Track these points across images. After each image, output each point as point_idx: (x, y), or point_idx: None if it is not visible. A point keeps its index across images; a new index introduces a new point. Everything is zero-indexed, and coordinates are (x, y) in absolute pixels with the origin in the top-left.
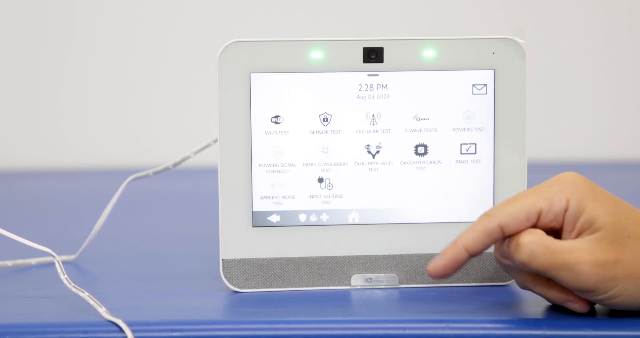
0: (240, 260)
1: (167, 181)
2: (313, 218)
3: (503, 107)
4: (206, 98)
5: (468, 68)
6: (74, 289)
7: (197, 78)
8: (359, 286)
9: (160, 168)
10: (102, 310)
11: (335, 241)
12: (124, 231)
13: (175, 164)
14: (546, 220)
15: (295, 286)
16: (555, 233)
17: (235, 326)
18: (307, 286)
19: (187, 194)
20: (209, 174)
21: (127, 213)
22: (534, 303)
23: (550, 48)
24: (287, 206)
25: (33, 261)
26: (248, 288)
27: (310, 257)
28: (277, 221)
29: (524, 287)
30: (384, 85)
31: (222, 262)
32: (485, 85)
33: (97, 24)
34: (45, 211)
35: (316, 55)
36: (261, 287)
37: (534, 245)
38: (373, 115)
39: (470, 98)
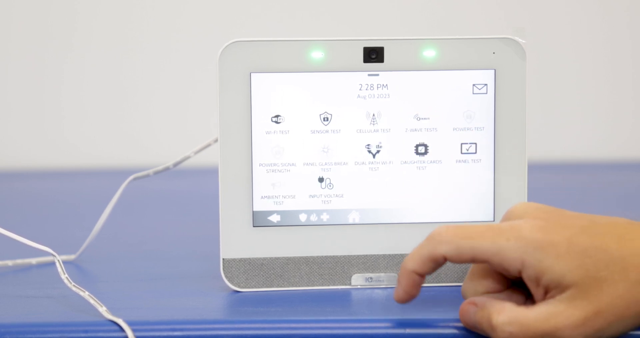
0: (240, 260)
1: (168, 181)
2: (313, 218)
3: (503, 107)
4: (206, 98)
5: (468, 68)
6: (74, 289)
7: (197, 78)
8: (359, 286)
9: (160, 167)
10: (103, 310)
11: (336, 241)
12: (124, 231)
13: (175, 164)
14: (494, 269)
15: (296, 286)
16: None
17: (236, 326)
18: (308, 286)
19: (187, 194)
20: (209, 174)
21: (127, 213)
22: None
23: (550, 48)
24: (288, 205)
25: (33, 261)
26: (248, 287)
27: (311, 257)
28: (277, 221)
29: None
30: (384, 85)
31: (223, 262)
32: (486, 85)
33: (97, 24)
34: (46, 211)
35: (316, 55)
36: (261, 287)
37: (510, 326)
38: (373, 115)
39: (471, 98)
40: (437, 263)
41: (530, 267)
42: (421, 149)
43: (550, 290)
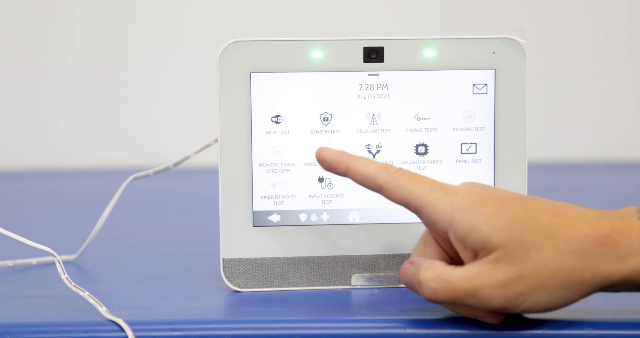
0: (240, 260)
1: (168, 181)
2: (313, 218)
3: (503, 107)
4: (206, 98)
5: (468, 68)
6: (74, 289)
7: (197, 78)
8: (359, 286)
9: (160, 167)
10: (103, 310)
11: (336, 241)
12: (124, 231)
13: (175, 164)
14: (426, 221)
15: (296, 286)
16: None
17: (236, 326)
18: (308, 285)
19: (187, 194)
20: (209, 174)
21: (127, 213)
22: None
23: (550, 48)
24: (288, 205)
25: (34, 261)
26: (248, 287)
27: (311, 257)
28: (277, 221)
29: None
30: (385, 85)
31: (223, 262)
32: (486, 85)
33: (97, 25)
34: (46, 211)
35: (316, 55)
36: (261, 287)
37: (434, 282)
38: (373, 115)
39: (471, 98)
40: (373, 186)
41: (457, 226)
42: (421, 149)
43: (478, 253)
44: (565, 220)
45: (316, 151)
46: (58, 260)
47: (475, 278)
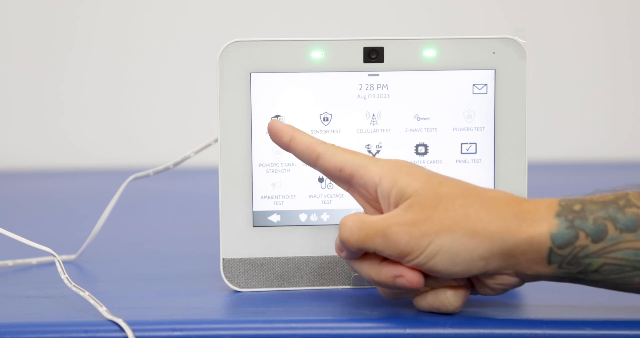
0: (240, 260)
1: (168, 181)
2: (313, 218)
3: (503, 107)
4: (207, 98)
5: (468, 68)
6: (74, 289)
7: (197, 78)
8: (359, 286)
9: (160, 167)
10: (103, 310)
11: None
12: (124, 231)
13: (175, 164)
14: (358, 184)
15: (296, 286)
16: None
17: (236, 326)
18: (308, 286)
19: (187, 194)
20: (209, 174)
21: (127, 213)
22: (535, 303)
23: (550, 48)
24: (288, 205)
25: (34, 261)
26: (248, 287)
27: (311, 257)
28: (277, 221)
29: (369, 280)
30: (385, 85)
31: (223, 262)
32: (486, 85)
33: (97, 25)
34: (46, 211)
35: (316, 55)
36: (261, 287)
37: (351, 222)
38: (373, 115)
39: (471, 98)
40: (311, 155)
41: (385, 182)
42: (421, 149)
43: (397, 204)
44: (481, 188)
45: (268, 122)
46: (58, 260)
47: (388, 219)
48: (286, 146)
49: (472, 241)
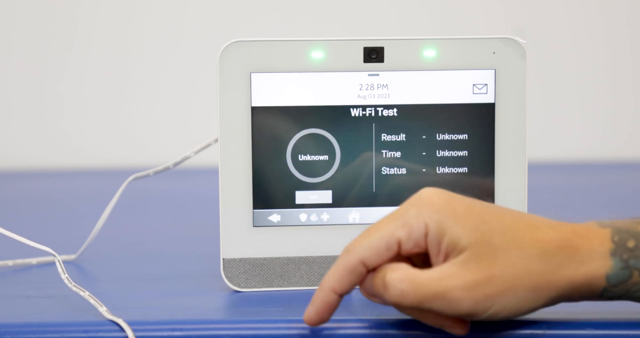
0: (240, 260)
1: (168, 181)
2: (314, 218)
3: (503, 107)
4: (207, 98)
5: (468, 68)
6: (74, 288)
7: (197, 78)
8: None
9: (160, 167)
10: (103, 310)
11: (336, 241)
12: (125, 231)
13: (175, 164)
14: (407, 247)
15: (296, 286)
16: (425, 255)
17: (236, 326)
18: (308, 286)
19: (187, 194)
20: (209, 174)
21: (127, 213)
22: None
23: (550, 48)
24: (288, 205)
25: (34, 260)
26: (248, 287)
27: (311, 257)
28: (277, 221)
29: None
30: (385, 85)
31: (223, 262)
32: (486, 85)
33: (97, 25)
34: (46, 211)
35: (317, 55)
36: (262, 287)
37: (402, 283)
38: None
39: (471, 98)
40: (355, 274)
41: (433, 229)
42: None
43: (449, 256)
44: (528, 223)
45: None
46: (58, 260)
47: (444, 280)
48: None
49: (535, 295)
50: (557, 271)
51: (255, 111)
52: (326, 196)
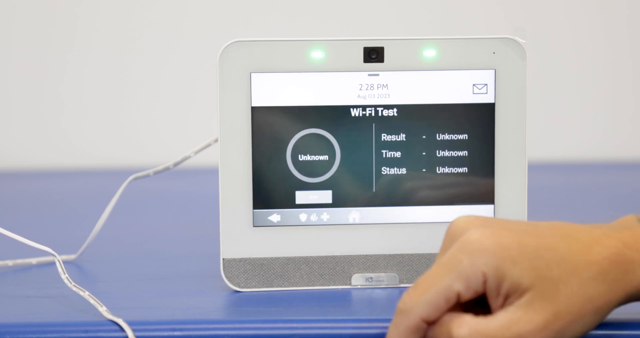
0: (240, 260)
1: (168, 181)
2: (313, 218)
3: (503, 107)
4: (207, 98)
5: (468, 68)
6: (74, 288)
7: (197, 78)
8: (359, 286)
9: (160, 167)
10: (103, 310)
11: (336, 241)
12: (124, 231)
13: (175, 164)
14: (466, 297)
15: (296, 286)
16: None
17: (236, 326)
18: (308, 285)
19: (187, 194)
20: (209, 174)
21: (127, 213)
22: None
23: (550, 48)
24: (288, 205)
25: (34, 260)
26: (248, 287)
27: (311, 257)
28: (277, 221)
29: None
30: (385, 85)
31: (223, 262)
32: (486, 85)
33: (97, 25)
34: (46, 211)
35: (316, 55)
36: (262, 287)
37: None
38: None
39: (471, 98)
40: (419, 333)
41: (491, 276)
42: None
43: (509, 297)
44: (579, 244)
45: None
46: (58, 260)
47: (514, 326)
48: None
49: (598, 317)
50: (614, 288)
51: (255, 111)
52: (326, 196)
